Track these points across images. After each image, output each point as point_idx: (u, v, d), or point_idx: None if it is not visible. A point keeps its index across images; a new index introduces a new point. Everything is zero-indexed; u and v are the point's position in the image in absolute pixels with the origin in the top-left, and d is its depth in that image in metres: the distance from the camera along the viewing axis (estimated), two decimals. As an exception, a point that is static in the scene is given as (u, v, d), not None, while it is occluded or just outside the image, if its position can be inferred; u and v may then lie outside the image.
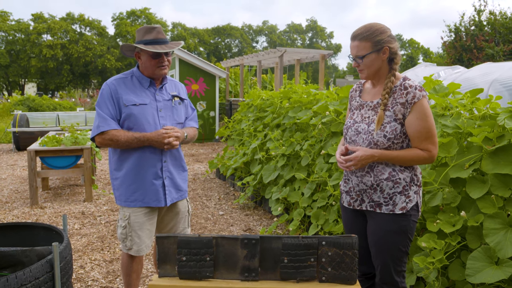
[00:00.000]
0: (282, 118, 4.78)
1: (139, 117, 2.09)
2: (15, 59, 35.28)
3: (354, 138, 1.81)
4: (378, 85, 1.82)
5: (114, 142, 2.06)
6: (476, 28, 16.45)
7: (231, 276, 1.65)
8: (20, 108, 14.11)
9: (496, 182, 2.10)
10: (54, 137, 5.17)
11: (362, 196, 1.84)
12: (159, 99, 2.18)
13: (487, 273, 1.94)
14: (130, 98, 2.10)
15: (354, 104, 1.91)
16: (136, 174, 2.13)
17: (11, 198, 5.27)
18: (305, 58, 10.49)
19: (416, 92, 1.70)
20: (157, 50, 2.05)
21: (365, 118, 1.81)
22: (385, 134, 1.71)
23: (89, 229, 4.11)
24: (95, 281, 2.98)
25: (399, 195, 1.76)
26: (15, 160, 8.20)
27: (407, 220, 1.77)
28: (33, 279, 1.57)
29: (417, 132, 1.70)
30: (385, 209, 1.78)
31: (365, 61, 1.73)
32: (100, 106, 2.10)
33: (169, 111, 2.20)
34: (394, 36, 1.76)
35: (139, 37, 2.10)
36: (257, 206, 4.97)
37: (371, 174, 1.78)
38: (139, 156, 2.12)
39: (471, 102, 2.52)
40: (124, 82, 2.14)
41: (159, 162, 2.16)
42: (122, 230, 2.18)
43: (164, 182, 2.18)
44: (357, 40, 1.73)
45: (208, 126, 11.00)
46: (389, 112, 1.72)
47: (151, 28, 2.10)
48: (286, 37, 58.19)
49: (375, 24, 1.75)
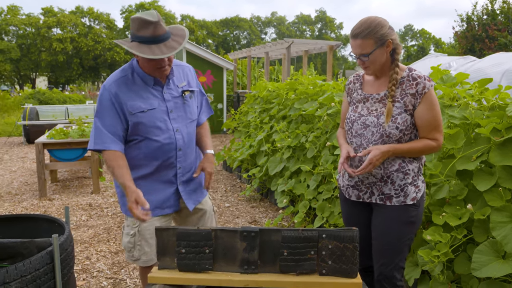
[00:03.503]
0: (288, 110, 4.74)
1: (148, 125, 1.80)
2: (26, 53, 35.59)
3: (361, 132, 1.77)
4: (382, 77, 1.78)
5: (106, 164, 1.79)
6: (489, 17, 16.09)
7: (231, 268, 1.64)
8: (30, 101, 14.27)
9: (504, 174, 2.04)
10: (61, 129, 5.21)
11: (372, 189, 1.81)
12: (167, 98, 1.86)
13: (494, 267, 1.90)
14: (136, 104, 1.78)
15: (356, 97, 1.86)
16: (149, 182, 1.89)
17: (21, 190, 5.34)
18: (313, 49, 10.38)
19: (426, 83, 1.69)
20: (154, 55, 1.68)
21: (372, 111, 1.76)
22: (397, 126, 1.69)
23: (96, 221, 4.14)
24: (101, 272, 3.00)
25: (410, 185, 1.75)
26: (26, 153, 8.30)
27: (417, 210, 1.78)
28: (33, 271, 1.57)
29: (427, 122, 1.69)
30: (396, 201, 1.76)
31: (371, 58, 1.69)
32: (99, 116, 1.79)
33: (180, 110, 1.90)
34: (392, 27, 1.74)
35: (133, 30, 1.73)
36: (263, 198, 4.96)
37: (380, 166, 1.75)
38: (148, 166, 1.87)
39: (480, 92, 2.45)
40: (126, 83, 1.80)
41: (173, 169, 1.92)
42: (130, 238, 1.92)
43: (178, 189, 1.94)
44: (359, 38, 1.68)
45: (216, 118, 10.99)
46: (399, 103, 1.70)
47: (146, 22, 1.68)
48: (295, 29, 57.74)
49: (373, 19, 1.70)
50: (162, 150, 1.85)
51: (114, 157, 1.76)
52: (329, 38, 53.36)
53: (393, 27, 1.75)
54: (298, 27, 57.87)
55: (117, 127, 1.78)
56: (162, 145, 1.84)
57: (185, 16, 48.96)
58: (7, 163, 7.22)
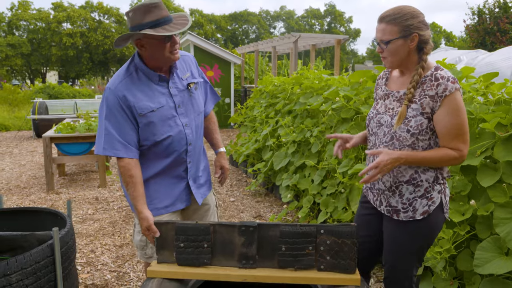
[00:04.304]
0: (293, 105, 4.72)
1: (158, 124, 1.76)
2: (36, 48, 35.94)
3: (376, 130, 1.66)
4: (407, 74, 1.63)
5: (122, 173, 1.74)
6: (501, 10, 15.79)
7: (229, 263, 1.64)
8: (40, 96, 14.42)
9: (508, 170, 2.01)
10: (68, 124, 5.26)
11: (380, 197, 1.69)
12: (174, 92, 1.81)
13: (496, 264, 1.87)
14: (145, 105, 1.73)
15: (379, 93, 1.74)
16: (158, 179, 1.87)
17: (29, 184, 5.41)
18: (321, 43, 10.30)
19: (448, 84, 1.49)
20: (170, 31, 1.63)
21: (389, 110, 1.64)
22: (408, 129, 1.54)
23: (102, 215, 4.18)
24: (105, 265, 3.03)
25: (420, 199, 1.59)
26: (35, 147, 8.40)
27: (429, 224, 1.60)
28: (33, 263, 1.59)
29: (446, 128, 1.51)
30: (403, 216, 1.62)
31: (389, 47, 1.54)
32: (109, 119, 1.71)
33: (188, 104, 1.85)
34: (427, 23, 1.56)
35: (136, 20, 1.65)
36: (268, 193, 4.95)
37: (390, 174, 1.61)
38: (159, 164, 1.85)
39: (485, 86, 2.41)
40: (132, 82, 1.74)
41: (183, 164, 1.89)
42: (141, 236, 1.88)
43: (188, 183, 1.92)
44: (384, 22, 1.54)
45: (223, 112, 11.00)
46: (416, 105, 1.54)
47: (150, 5, 1.64)
48: (304, 23, 57.29)
49: (406, 7, 1.54)
50: (173, 147, 1.82)
51: (129, 167, 1.71)
52: (338, 32, 52.86)
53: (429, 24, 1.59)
54: (307, 21, 57.41)
55: (129, 132, 1.73)
56: (173, 142, 1.81)
57: (194, 10, 48.90)
58: (17, 157, 7.32)
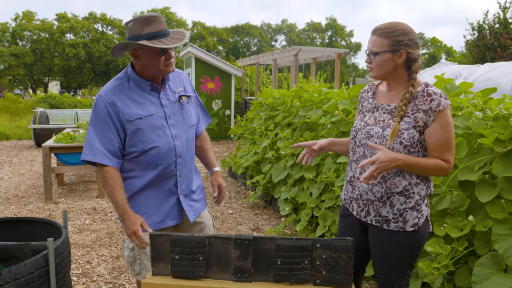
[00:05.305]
0: (292, 117, 4.73)
1: (147, 132, 1.76)
2: (39, 58, 36.26)
3: (364, 142, 1.68)
4: (394, 90, 1.68)
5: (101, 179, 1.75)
6: (501, 26, 15.95)
7: (224, 276, 1.62)
8: (42, 105, 14.49)
9: (506, 185, 2.01)
10: (68, 133, 5.27)
11: (368, 208, 1.69)
12: (165, 103, 1.82)
13: (495, 280, 1.86)
14: (133, 111, 1.74)
15: (366, 106, 1.77)
16: (149, 195, 1.86)
17: (27, 193, 5.40)
18: (321, 56, 10.37)
19: (442, 100, 1.57)
20: (167, 45, 1.67)
21: (379, 121, 1.67)
22: (401, 141, 1.58)
23: (99, 225, 4.16)
24: (100, 277, 3.00)
25: (410, 210, 1.62)
26: (35, 156, 8.40)
27: (418, 236, 1.65)
28: (27, 274, 1.58)
29: (439, 142, 1.58)
30: (394, 226, 1.64)
31: (377, 58, 1.61)
32: (93, 126, 1.74)
33: (179, 115, 1.86)
34: (418, 42, 1.62)
35: (134, 31, 1.68)
36: (266, 205, 4.93)
37: (383, 185, 1.63)
38: (147, 175, 1.83)
39: (484, 102, 2.42)
40: (121, 90, 1.76)
41: (173, 178, 1.88)
42: (129, 252, 1.88)
43: (179, 198, 1.91)
44: (376, 34, 1.62)
45: (223, 124, 11.02)
46: (408, 118, 1.59)
47: (149, 18, 1.69)
48: (305, 36, 57.83)
49: (400, 23, 1.62)
50: (161, 158, 1.80)
51: (107, 175, 1.72)
52: (339, 45, 53.32)
53: (419, 44, 1.64)
54: (309, 35, 57.96)
55: (112, 140, 1.74)
56: (161, 152, 1.80)
57: (196, 23, 49.41)
58: (16, 166, 7.32)
